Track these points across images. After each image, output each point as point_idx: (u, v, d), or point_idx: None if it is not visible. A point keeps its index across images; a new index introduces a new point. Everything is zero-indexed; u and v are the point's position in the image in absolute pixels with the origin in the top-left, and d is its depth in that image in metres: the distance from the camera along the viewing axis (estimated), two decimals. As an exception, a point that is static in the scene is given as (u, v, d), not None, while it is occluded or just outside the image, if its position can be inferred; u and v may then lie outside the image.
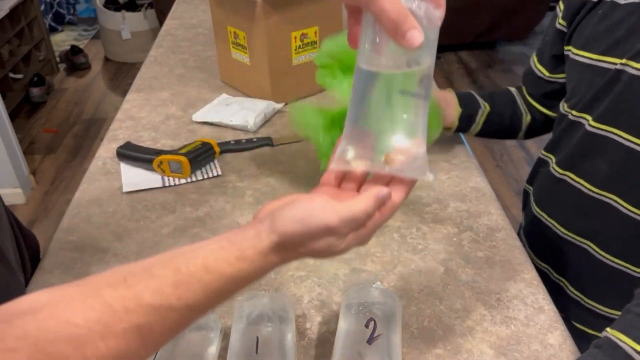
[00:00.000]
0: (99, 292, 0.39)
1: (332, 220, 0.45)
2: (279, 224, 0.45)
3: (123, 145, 0.99)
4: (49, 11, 4.21)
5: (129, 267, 0.43)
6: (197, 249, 0.44)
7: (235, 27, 1.14)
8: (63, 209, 0.90)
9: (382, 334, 0.61)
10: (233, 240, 0.45)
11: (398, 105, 0.48)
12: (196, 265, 0.42)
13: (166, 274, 0.42)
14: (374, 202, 0.47)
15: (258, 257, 0.45)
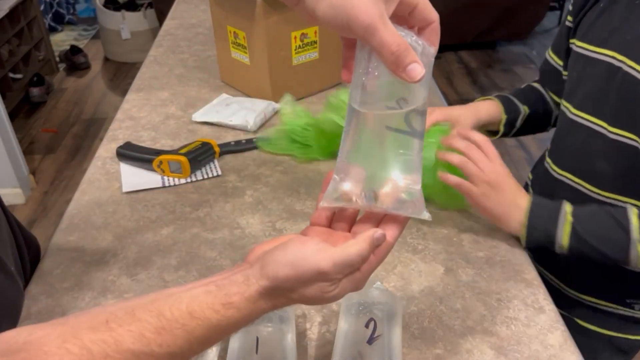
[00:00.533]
0: (78, 334, 0.38)
1: (325, 265, 0.43)
2: (269, 268, 0.44)
3: (123, 145, 0.99)
4: (49, 11, 4.21)
5: (111, 307, 0.41)
6: (182, 292, 0.43)
7: (235, 27, 1.14)
8: (63, 209, 0.90)
9: (382, 334, 0.61)
10: (220, 285, 0.43)
11: (390, 143, 0.47)
12: (180, 310, 0.41)
13: (148, 318, 0.40)
14: (369, 244, 0.45)
15: (245, 304, 0.43)
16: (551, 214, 0.75)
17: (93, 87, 3.45)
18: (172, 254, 0.79)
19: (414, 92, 0.45)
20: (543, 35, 4.04)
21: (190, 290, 0.43)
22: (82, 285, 0.74)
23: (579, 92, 0.81)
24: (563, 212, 0.74)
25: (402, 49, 0.42)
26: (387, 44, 0.42)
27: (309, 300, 0.45)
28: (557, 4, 4.20)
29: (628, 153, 0.75)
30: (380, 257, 0.47)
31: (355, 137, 0.48)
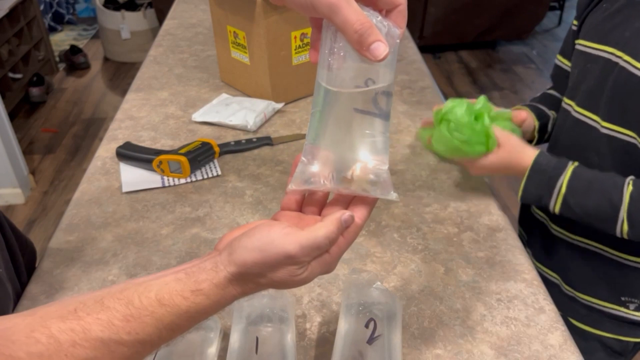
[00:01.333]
0: (46, 324, 0.38)
1: (292, 248, 0.43)
2: (236, 254, 0.44)
3: (122, 145, 0.99)
4: (49, 11, 4.21)
5: (81, 297, 0.41)
6: (152, 280, 0.43)
7: (235, 27, 1.14)
8: (62, 209, 0.90)
9: (382, 334, 0.61)
10: (190, 273, 0.43)
11: (358, 124, 0.47)
12: (149, 298, 0.41)
13: (117, 306, 0.40)
14: (337, 226, 0.45)
15: (215, 290, 0.43)
16: (549, 183, 0.78)
17: (93, 87, 3.45)
18: (172, 254, 0.79)
19: (379, 73, 0.46)
20: (543, 35, 4.04)
21: (159, 278, 0.43)
22: (82, 285, 0.73)
23: (580, 89, 0.82)
24: (558, 185, 0.77)
25: (366, 28, 0.42)
26: (350, 22, 0.42)
27: (278, 284, 0.45)
28: (557, 4, 4.20)
29: (622, 148, 0.76)
30: (349, 238, 0.47)
31: (322, 119, 0.48)
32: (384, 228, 0.83)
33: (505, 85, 3.35)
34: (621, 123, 0.75)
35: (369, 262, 0.77)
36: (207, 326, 0.63)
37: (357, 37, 0.42)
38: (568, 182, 0.76)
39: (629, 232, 0.73)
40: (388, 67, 0.46)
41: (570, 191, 0.76)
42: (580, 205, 0.75)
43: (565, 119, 0.86)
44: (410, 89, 1.24)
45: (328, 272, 0.47)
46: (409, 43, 1.48)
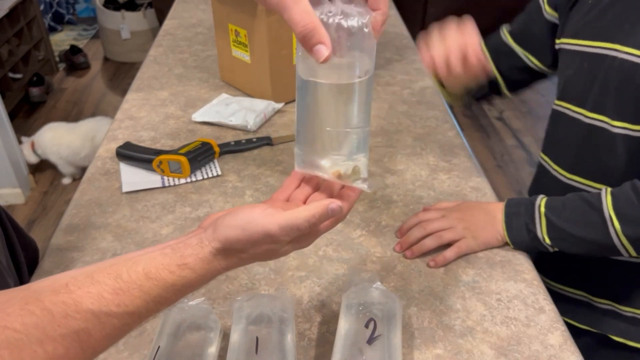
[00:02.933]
0: (39, 297, 0.40)
1: (272, 227, 0.46)
2: (220, 231, 0.46)
3: (122, 145, 0.99)
4: (49, 11, 4.21)
5: (73, 272, 0.43)
6: (140, 255, 0.45)
7: (237, 25, 1.14)
8: (62, 209, 0.90)
9: (382, 334, 0.61)
10: (176, 248, 0.46)
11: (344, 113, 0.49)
12: (137, 272, 0.43)
13: (107, 280, 0.42)
14: (321, 212, 0.47)
15: (200, 264, 0.46)
16: (527, 209, 0.76)
17: (93, 87, 3.45)
18: (172, 254, 0.79)
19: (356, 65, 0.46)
20: (543, 35, 4.04)
21: (147, 253, 0.45)
22: (82, 285, 0.73)
23: (577, 89, 0.80)
24: (537, 206, 0.75)
25: (308, 30, 0.42)
26: (294, 23, 0.42)
27: (259, 257, 0.48)
28: None
29: (638, 145, 0.73)
30: (329, 226, 0.50)
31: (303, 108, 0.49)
32: (384, 228, 0.83)
33: (505, 85, 3.35)
34: (633, 119, 0.73)
35: (369, 262, 0.77)
36: (207, 326, 0.63)
37: (301, 38, 0.43)
38: (545, 202, 0.75)
39: (623, 229, 0.69)
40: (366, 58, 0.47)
41: (550, 208, 0.74)
42: (564, 218, 0.73)
43: (572, 126, 0.81)
44: (410, 89, 1.24)
45: (303, 248, 0.51)
46: (409, 43, 1.48)
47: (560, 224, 0.73)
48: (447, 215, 0.80)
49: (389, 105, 1.17)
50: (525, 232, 0.76)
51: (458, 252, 0.77)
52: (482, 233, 0.78)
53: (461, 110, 3.06)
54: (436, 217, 0.80)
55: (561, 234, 0.73)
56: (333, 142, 0.50)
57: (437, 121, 1.11)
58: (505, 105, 3.11)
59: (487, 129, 2.88)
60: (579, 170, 0.82)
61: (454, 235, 0.77)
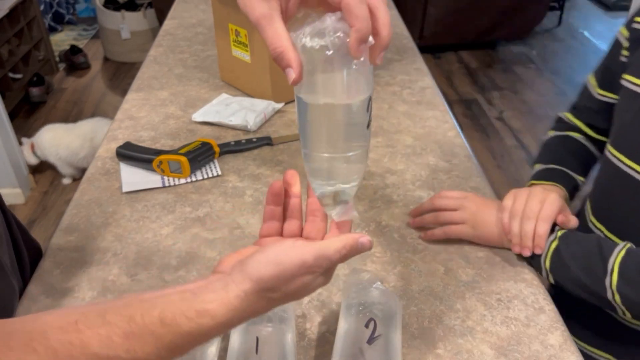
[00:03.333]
0: (46, 333, 0.38)
1: (307, 257, 0.43)
2: (251, 270, 0.43)
3: (122, 145, 0.99)
4: (49, 11, 4.21)
5: (85, 308, 0.41)
6: (157, 297, 0.42)
7: (237, 25, 1.14)
8: (62, 209, 0.90)
9: (382, 334, 0.61)
10: (197, 292, 0.42)
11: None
12: (152, 316, 0.40)
13: (119, 322, 0.39)
14: (352, 243, 0.45)
15: (222, 310, 0.42)
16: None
17: (93, 87, 3.45)
18: (172, 254, 0.79)
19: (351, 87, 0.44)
20: (543, 35, 4.04)
21: (165, 296, 0.42)
22: (82, 285, 0.73)
23: (633, 140, 0.71)
24: (554, 230, 0.72)
25: (277, 53, 0.42)
26: (267, 44, 0.42)
27: (289, 296, 0.45)
28: (557, 4, 4.20)
29: None
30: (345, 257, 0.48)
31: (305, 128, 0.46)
32: (384, 228, 0.83)
33: (505, 85, 3.35)
34: None
35: (369, 262, 0.77)
36: (207, 326, 0.63)
37: (273, 59, 0.42)
38: (564, 232, 0.72)
39: (619, 285, 0.65)
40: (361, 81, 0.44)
41: (564, 239, 0.70)
42: (571, 252, 0.69)
43: (623, 182, 0.72)
44: (410, 89, 1.24)
45: (324, 284, 0.48)
46: (409, 43, 1.48)
47: (566, 257, 0.70)
48: (462, 206, 0.79)
49: (389, 105, 1.17)
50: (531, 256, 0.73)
51: (446, 234, 0.78)
52: (484, 228, 0.77)
53: (461, 110, 3.06)
54: (451, 206, 0.79)
55: (562, 267, 0.70)
56: (310, 165, 0.47)
57: (437, 121, 1.11)
58: (505, 105, 3.11)
59: (487, 129, 2.88)
60: (623, 233, 0.74)
61: (456, 218, 0.78)
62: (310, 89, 0.44)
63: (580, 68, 3.56)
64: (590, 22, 4.30)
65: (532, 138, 2.75)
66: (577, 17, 4.39)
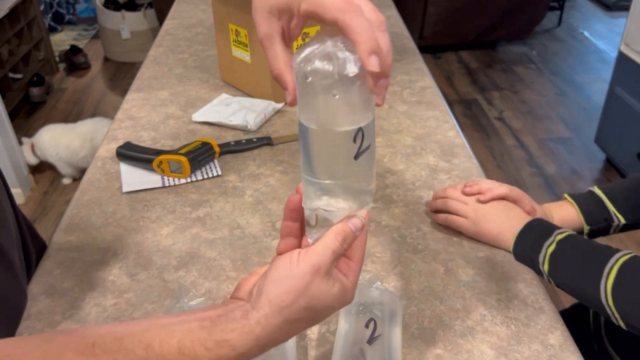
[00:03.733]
0: (61, 356, 0.37)
1: (314, 259, 0.43)
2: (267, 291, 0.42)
3: (123, 145, 0.99)
4: (49, 11, 4.21)
5: (103, 329, 0.40)
6: (175, 324, 0.41)
7: (237, 25, 1.14)
8: (62, 209, 0.90)
9: (382, 334, 0.61)
10: (216, 321, 0.41)
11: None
12: (170, 345, 0.39)
13: (136, 349, 0.39)
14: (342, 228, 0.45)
15: (244, 340, 0.40)
16: (546, 229, 0.72)
17: (93, 87, 3.45)
18: (172, 254, 0.79)
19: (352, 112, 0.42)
20: (543, 35, 4.04)
21: (183, 323, 0.41)
22: (82, 285, 0.73)
23: None
24: (556, 232, 0.71)
25: (275, 75, 0.44)
26: (269, 65, 0.44)
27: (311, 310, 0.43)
28: (557, 4, 4.20)
29: None
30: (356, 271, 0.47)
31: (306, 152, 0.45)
32: (384, 228, 0.83)
33: (505, 85, 3.35)
34: None
35: (369, 262, 0.77)
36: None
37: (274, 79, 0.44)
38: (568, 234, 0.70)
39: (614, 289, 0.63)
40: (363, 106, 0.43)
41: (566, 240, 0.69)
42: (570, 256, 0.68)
43: None
44: (410, 89, 1.24)
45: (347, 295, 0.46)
46: (409, 43, 1.48)
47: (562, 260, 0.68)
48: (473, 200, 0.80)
49: (389, 105, 1.17)
50: (530, 243, 0.73)
51: (446, 221, 0.81)
52: (484, 224, 0.78)
53: (461, 110, 3.06)
54: (461, 200, 0.81)
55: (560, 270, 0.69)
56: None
57: (437, 121, 1.11)
58: (505, 105, 3.11)
59: (487, 129, 2.88)
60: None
61: (460, 211, 0.80)
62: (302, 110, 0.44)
63: (580, 68, 3.56)
64: (590, 22, 4.30)
65: (532, 138, 2.75)
66: (577, 17, 4.39)
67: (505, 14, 3.59)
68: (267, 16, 0.44)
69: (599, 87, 3.19)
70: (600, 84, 3.17)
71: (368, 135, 0.43)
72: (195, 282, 0.74)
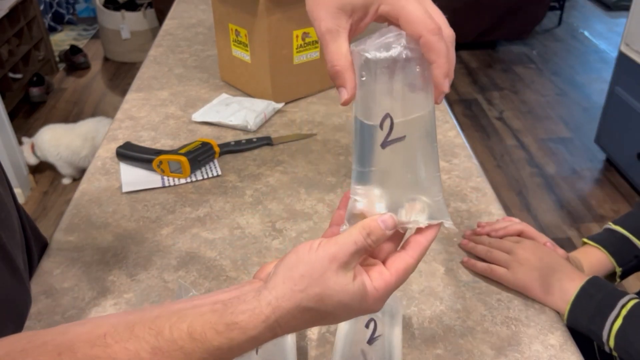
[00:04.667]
0: (73, 347, 0.37)
1: (332, 249, 0.41)
2: (280, 273, 0.41)
3: (122, 145, 0.99)
4: (49, 11, 4.21)
5: (115, 318, 0.40)
6: (187, 308, 0.40)
7: (237, 25, 1.14)
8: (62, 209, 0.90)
9: (382, 335, 0.61)
10: (228, 303, 0.40)
11: (409, 155, 0.44)
12: (181, 330, 0.38)
13: (147, 336, 0.38)
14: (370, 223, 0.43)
15: (254, 322, 0.39)
16: (605, 300, 0.64)
17: (93, 87, 3.45)
18: (172, 254, 0.79)
19: (413, 103, 0.43)
20: (543, 35, 4.04)
21: (195, 307, 0.40)
22: (82, 285, 0.73)
23: None
24: (619, 305, 0.63)
25: (335, 71, 0.43)
26: (327, 60, 0.43)
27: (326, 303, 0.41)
28: (557, 4, 4.20)
29: None
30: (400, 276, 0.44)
31: (363, 148, 0.45)
32: (384, 228, 0.83)
33: (505, 85, 3.35)
34: None
35: (369, 262, 0.77)
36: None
37: (330, 76, 0.43)
38: (633, 306, 0.62)
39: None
40: (421, 96, 0.43)
41: (633, 315, 0.61)
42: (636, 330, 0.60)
43: None
44: (411, 89, 1.24)
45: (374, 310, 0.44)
46: (409, 43, 1.48)
47: (636, 335, 0.61)
48: (513, 251, 0.73)
49: (389, 105, 1.17)
50: (590, 314, 0.65)
51: (486, 272, 0.73)
52: (524, 277, 0.70)
53: (461, 110, 3.06)
54: (505, 247, 0.74)
55: (629, 345, 0.62)
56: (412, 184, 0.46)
57: (437, 121, 1.11)
58: (505, 105, 3.11)
59: (487, 129, 2.88)
60: None
61: (501, 260, 0.73)
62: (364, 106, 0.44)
63: (580, 68, 3.56)
64: (590, 22, 4.30)
65: (532, 138, 2.75)
66: (577, 17, 4.39)
67: (505, 14, 3.59)
68: (335, 12, 0.43)
69: (599, 87, 3.19)
70: (601, 84, 3.17)
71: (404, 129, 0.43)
72: (195, 282, 0.74)
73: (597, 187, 2.44)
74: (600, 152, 2.61)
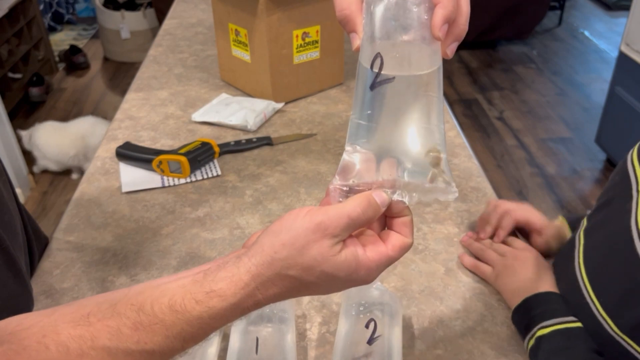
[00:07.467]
0: (58, 328, 0.37)
1: (320, 217, 0.39)
2: (262, 240, 0.40)
3: (122, 145, 0.99)
4: (48, 11, 4.20)
5: (100, 297, 0.40)
6: (170, 282, 0.40)
7: (237, 25, 1.14)
8: (62, 209, 0.90)
9: (382, 335, 0.61)
10: (208, 272, 0.39)
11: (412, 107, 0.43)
12: (161, 304, 0.38)
13: (128, 312, 0.38)
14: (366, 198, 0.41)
15: (232, 289, 0.38)
16: (531, 319, 0.64)
17: (92, 86, 3.45)
18: (172, 254, 0.79)
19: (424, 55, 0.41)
20: (543, 35, 4.04)
21: (178, 279, 0.40)
22: (82, 285, 0.73)
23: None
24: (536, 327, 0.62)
25: (343, 16, 0.42)
26: (335, 6, 0.42)
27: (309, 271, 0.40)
28: (557, 4, 4.20)
29: None
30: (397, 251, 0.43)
31: (364, 101, 0.42)
32: (384, 228, 0.83)
33: (505, 85, 3.34)
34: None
35: (369, 262, 0.77)
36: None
37: (339, 22, 0.43)
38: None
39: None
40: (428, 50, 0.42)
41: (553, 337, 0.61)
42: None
43: None
44: (411, 89, 1.24)
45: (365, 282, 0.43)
46: (409, 43, 1.48)
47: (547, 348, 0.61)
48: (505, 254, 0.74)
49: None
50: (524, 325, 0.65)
51: (473, 267, 0.75)
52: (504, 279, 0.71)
53: (461, 110, 3.06)
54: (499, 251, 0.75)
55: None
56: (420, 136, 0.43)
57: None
58: (505, 105, 3.11)
59: (487, 129, 2.88)
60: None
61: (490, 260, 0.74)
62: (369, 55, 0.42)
63: (580, 68, 3.56)
64: (590, 22, 4.30)
65: (532, 138, 2.75)
66: (577, 16, 4.39)
67: (506, 13, 3.59)
68: None
69: (599, 87, 3.19)
70: (601, 84, 3.17)
71: (394, 67, 0.41)
72: (195, 282, 0.74)
73: (597, 187, 2.44)
74: (601, 152, 2.61)
